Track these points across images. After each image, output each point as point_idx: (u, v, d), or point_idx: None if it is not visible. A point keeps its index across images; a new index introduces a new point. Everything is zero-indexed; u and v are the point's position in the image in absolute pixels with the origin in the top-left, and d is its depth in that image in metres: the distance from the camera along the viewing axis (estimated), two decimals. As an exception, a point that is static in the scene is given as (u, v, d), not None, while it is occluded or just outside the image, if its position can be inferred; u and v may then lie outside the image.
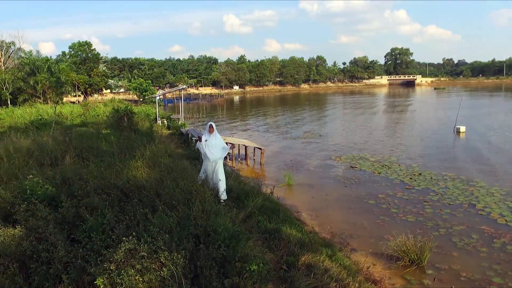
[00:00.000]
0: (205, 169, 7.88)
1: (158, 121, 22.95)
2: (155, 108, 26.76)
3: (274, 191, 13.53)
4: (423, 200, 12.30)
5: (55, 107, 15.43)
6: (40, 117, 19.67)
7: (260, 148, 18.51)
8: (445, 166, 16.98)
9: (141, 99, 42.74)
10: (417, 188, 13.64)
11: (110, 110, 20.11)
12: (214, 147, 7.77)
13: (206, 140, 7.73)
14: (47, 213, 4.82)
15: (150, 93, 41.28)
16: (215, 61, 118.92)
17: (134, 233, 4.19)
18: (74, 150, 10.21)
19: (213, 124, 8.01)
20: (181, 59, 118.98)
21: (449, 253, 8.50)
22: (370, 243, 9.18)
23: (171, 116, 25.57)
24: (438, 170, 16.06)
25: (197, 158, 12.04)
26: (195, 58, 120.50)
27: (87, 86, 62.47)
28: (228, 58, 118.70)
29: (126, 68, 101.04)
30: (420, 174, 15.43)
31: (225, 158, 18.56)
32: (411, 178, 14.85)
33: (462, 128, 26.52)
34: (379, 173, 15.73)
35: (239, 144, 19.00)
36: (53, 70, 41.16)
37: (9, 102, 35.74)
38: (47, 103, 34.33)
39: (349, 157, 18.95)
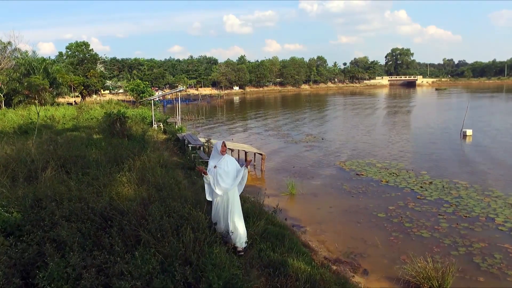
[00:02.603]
0: (216, 207, 5.65)
1: (154, 125, 22.05)
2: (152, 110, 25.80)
3: (274, 200, 12.81)
4: (437, 213, 11.43)
5: (38, 112, 14.47)
6: (30, 120, 18.77)
7: (260, 154, 17.61)
8: (456, 173, 16.12)
9: (139, 101, 41.82)
10: (429, 198, 12.77)
11: (104, 113, 19.22)
12: (226, 174, 5.54)
13: (215, 166, 5.53)
14: (2, 252, 3.92)
15: (147, 94, 40.28)
16: (215, 61, 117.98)
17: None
18: (58, 160, 9.32)
19: (226, 142, 6.02)
20: (180, 59, 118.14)
21: (473, 278, 7.63)
22: (384, 264, 8.31)
23: (168, 119, 24.63)
24: (449, 177, 15.19)
25: (192, 168, 11.15)
26: (195, 58, 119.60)
27: (82, 87, 61.49)
28: (228, 59, 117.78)
29: (125, 68, 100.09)
30: (431, 182, 14.55)
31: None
32: (421, 187, 13.97)
33: (469, 132, 25.66)
34: (387, 181, 14.83)
35: (238, 150, 18.12)
36: (49, 70, 40.25)
37: (3, 104, 34.83)
38: (41, 105, 33.39)
39: (354, 163, 18.06)
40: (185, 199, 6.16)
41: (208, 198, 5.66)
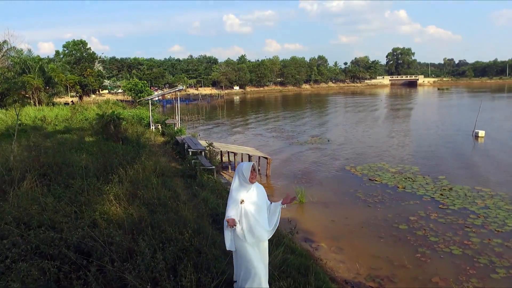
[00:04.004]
0: (246, 258, 3.77)
1: (151, 127, 20.83)
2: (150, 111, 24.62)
3: (283, 210, 11.68)
4: (464, 225, 10.32)
5: (17, 113, 13.33)
6: (19, 122, 17.58)
7: (265, 158, 16.47)
8: (475, 178, 15.04)
9: (137, 101, 40.64)
10: (453, 207, 11.65)
11: (96, 115, 18.04)
12: (258, 211, 3.82)
13: (242, 201, 3.76)
14: None
15: (146, 94, 39.06)
16: (215, 61, 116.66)
17: None
18: (40, 168, 8.19)
19: (256, 165, 4.53)
20: (180, 59, 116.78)
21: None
22: (416, 290, 7.18)
23: (167, 121, 23.40)
24: (469, 183, 14.09)
25: (193, 176, 9.98)
26: (195, 58, 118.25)
27: (78, 87, 60.25)
28: (228, 58, 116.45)
29: (124, 68, 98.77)
30: (451, 189, 13.43)
31: (222, 168, 16.50)
32: (442, 194, 12.85)
33: (481, 133, 24.56)
34: (404, 187, 13.71)
35: (242, 153, 16.98)
36: (45, 69, 39.08)
37: (-4, 104, 33.61)
38: (36, 105, 32.23)
39: (365, 167, 16.92)
40: (185, 222, 5.02)
41: (230, 247, 3.79)
